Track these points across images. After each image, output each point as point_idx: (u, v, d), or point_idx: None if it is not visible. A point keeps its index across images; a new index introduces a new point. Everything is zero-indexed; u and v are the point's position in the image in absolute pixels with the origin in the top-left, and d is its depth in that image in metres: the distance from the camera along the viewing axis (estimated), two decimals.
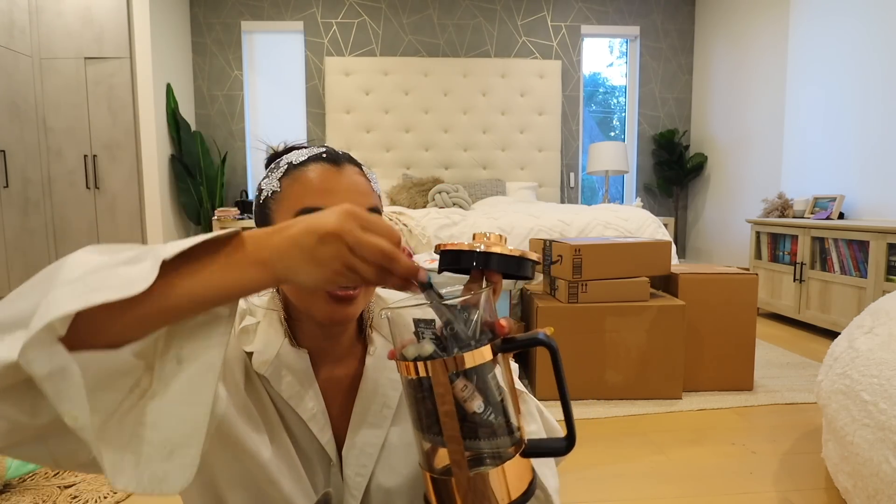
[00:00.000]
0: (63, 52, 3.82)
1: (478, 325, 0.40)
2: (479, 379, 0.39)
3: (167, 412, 0.36)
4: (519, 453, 0.39)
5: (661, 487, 1.36)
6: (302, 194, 0.53)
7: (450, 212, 2.63)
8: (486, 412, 0.39)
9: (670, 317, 1.89)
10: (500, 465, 0.38)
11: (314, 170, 0.54)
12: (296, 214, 0.52)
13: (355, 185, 0.55)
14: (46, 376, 0.31)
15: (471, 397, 0.38)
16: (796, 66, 3.56)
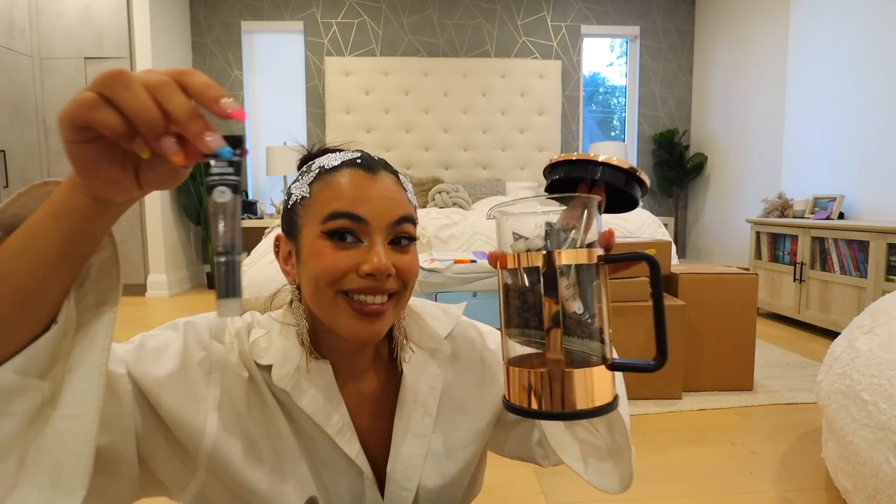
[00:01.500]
0: (63, 52, 3.82)
1: (579, 236, 0.40)
2: (582, 282, 0.39)
3: (57, 430, 0.34)
4: (606, 366, 0.38)
5: (661, 487, 1.36)
6: (331, 199, 0.49)
7: (450, 212, 2.63)
8: (585, 315, 0.39)
9: (670, 317, 1.89)
10: (588, 368, 0.38)
11: (347, 175, 0.51)
12: (324, 220, 0.49)
13: (388, 193, 0.51)
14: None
15: (572, 297, 0.38)
16: (796, 66, 3.56)
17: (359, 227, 0.49)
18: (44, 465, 0.33)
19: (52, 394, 0.35)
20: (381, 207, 0.49)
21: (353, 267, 0.48)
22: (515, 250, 0.39)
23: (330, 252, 0.48)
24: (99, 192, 0.32)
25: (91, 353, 0.35)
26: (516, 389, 0.38)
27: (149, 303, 3.81)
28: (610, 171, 0.44)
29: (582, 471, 0.54)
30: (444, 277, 1.88)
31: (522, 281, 0.39)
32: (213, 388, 0.49)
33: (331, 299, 0.49)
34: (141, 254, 3.99)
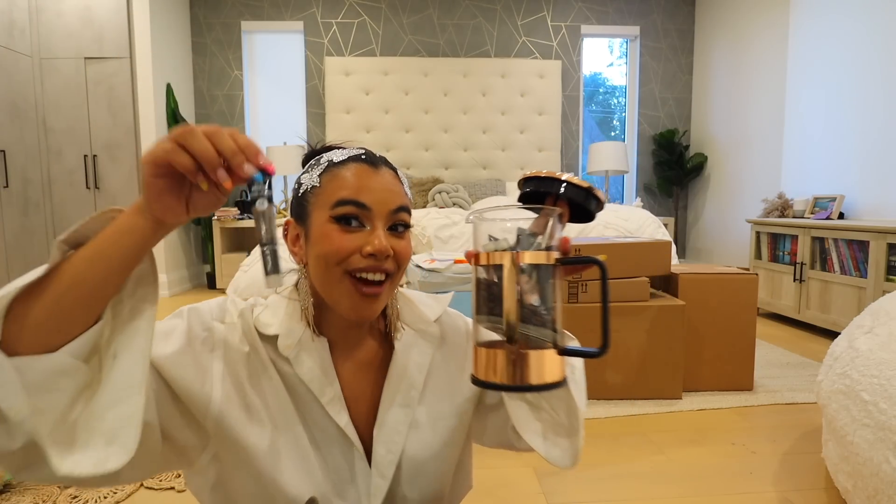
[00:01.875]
0: (63, 52, 3.82)
1: (545, 241, 0.48)
2: (540, 279, 0.47)
3: (109, 403, 0.42)
4: (557, 350, 0.46)
5: (661, 487, 1.36)
6: (339, 188, 0.56)
7: (450, 212, 2.63)
8: (540, 307, 0.46)
9: (670, 317, 1.89)
10: (541, 351, 0.45)
11: (352, 168, 0.57)
12: (332, 206, 0.55)
13: (388, 185, 0.58)
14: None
15: (531, 291, 0.46)
16: (796, 66, 3.56)
17: (362, 213, 0.56)
18: (99, 430, 0.42)
19: (92, 377, 0.43)
20: (381, 197, 0.56)
21: (358, 248, 0.55)
22: (486, 250, 0.47)
23: (337, 235, 0.55)
24: (159, 216, 0.42)
25: (137, 340, 0.44)
26: (482, 367, 0.46)
27: None
28: (571, 189, 0.53)
29: (540, 445, 0.59)
30: (444, 277, 1.88)
31: (491, 275, 0.47)
32: (217, 363, 0.55)
33: (338, 278, 0.55)
34: None
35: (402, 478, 0.62)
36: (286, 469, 0.57)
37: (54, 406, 0.41)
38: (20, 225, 3.66)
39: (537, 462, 1.49)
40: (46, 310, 0.40)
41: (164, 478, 1.38)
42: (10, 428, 0.39)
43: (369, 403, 0.63)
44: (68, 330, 0.41)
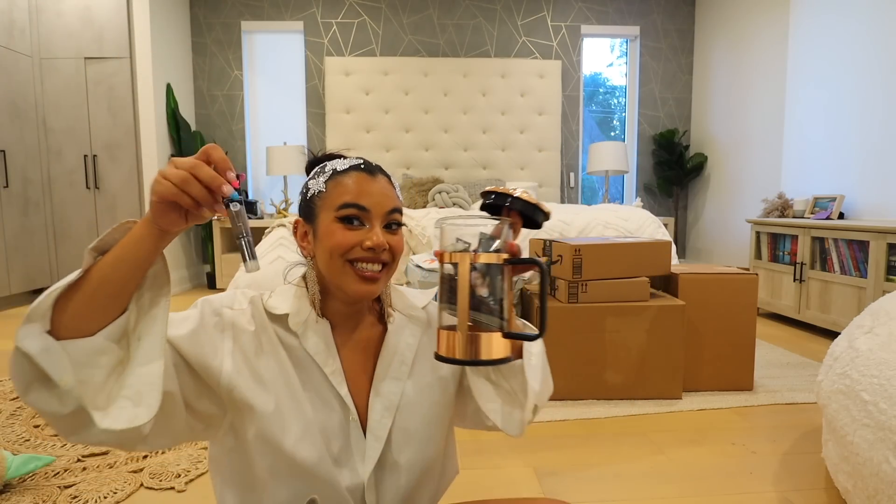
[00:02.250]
0: (63, 52, 3.82)
1: (501, 244, 0.58)
2: (490, 276, 0.57)
3: (136, 374, 0.54)
4: (502, 334, 0.57)
5: (661, 487, 1.36)
6: (343, 193, 0.67)
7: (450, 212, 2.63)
8: (488, 298, 0.57)
9: (670, 317, 1.89)
10: (488, 333, 0.56)
11: (353, 176, 0.68)
12: (337, 208, 0.66)
13: (384, 190, 0.68)
14: (38, 353, 0.49)
15: (481, 285, 0.56)
16: (796, 66, 3.56)
17: (363, 214, 0.66)
18: (128, 395, 0.54)
19: (123, 355, 0.55)
20: (378, 200, 0.67)
21: (359, 242, 0.66)
22: (449, 251, 0.57)
23: (341, 232, 0.66)
24: (164, 227, 0.53)
25: (156, 324, 0.55)
26: (443, 345, 0.56)
27: None
28: (519, 202, 0.63)
29: (497, 416, 0.71)
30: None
31: (452, 271, 0.57)
32: (227, 341, 0.65)
33: (341, 267, 0.66)
34: None
35: (393, 444, 0.71)
36: (290, 433, 0.65)
37: (94, 378, 0.52)
38: (20, 225, 3.66)
39: (537, 462, 1.49)
40: (84, 303, 0.51)
41: (164, 478, 1.38)
42: (61, 395, 0.50)
43: (365, 379, 0.73)
44: (102, 319, 0.53)
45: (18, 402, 1.92)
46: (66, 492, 1.31)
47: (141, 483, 1.37)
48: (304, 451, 0.65)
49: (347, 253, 0.66)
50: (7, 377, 2.19)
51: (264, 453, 0.65)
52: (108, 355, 0.53)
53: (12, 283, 3.57)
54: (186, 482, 1.37)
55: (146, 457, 1.50)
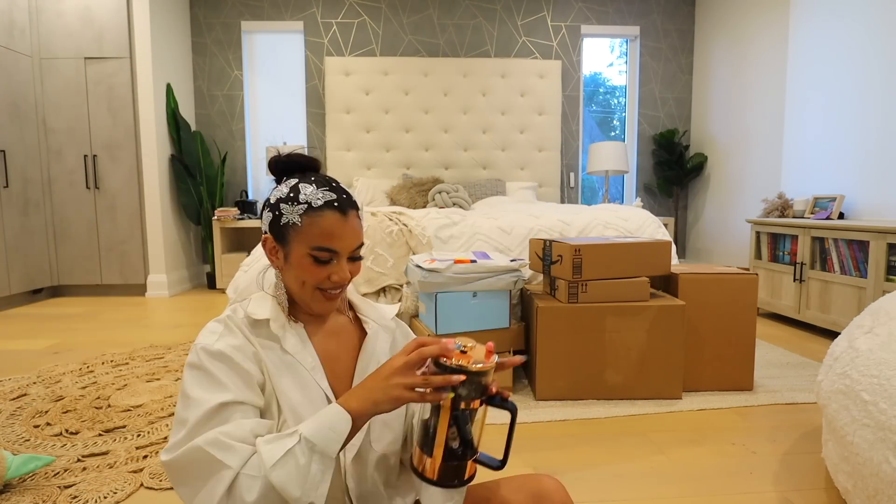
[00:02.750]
0: (63, 52, 3.82)
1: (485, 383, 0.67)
2: (469, 416, 0.68)
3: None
4: (470, 459, 0.67)
5: (661, 487, 1.36)
6: (317, 235, 0.73)
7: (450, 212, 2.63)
8: (467, 431, 0.67)
9: (670, 317, 1.89)
10: (455, 462, 0.66)
11: (328, 217, 0.73)
12: (311, 248, 0.73)
13: (354, 230, 0.76)
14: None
15: (463, 425, 0.67)
16: (796, 66, 3.56)
17: (333, 255, 0.74)
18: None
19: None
20: (348, 242, 0.75)
21: (327, 276, 0.75)
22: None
23: (312, 267, 0.74)
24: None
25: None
26: (427, 468, 0.66)
27: (149, 303, 3.81)
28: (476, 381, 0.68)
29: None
30: (444, 277, 1.88)
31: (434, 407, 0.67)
32: (252, 368, 0.72)
33: (310, 292, 0.76)
34: (141, 254, 3.99)
35: (372, 433, 0.79)
36: (282, 426, 0.73)
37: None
38: (20, 225, 3.66)
39: (537, 462, 1.49)
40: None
41: (164, 478, 1.38)
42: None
43: (345, 375, 0.81)
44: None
45: (18, 402, 1.93)
46: (66, 492, 1.31)
47: (141, 483, 1.37)
48: None
49: (318, 284, 0.75)
50: (7, 377, 2.19)
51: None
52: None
53: (12, 283, 3.57)
54: None
55: (146, 457, 1.51)
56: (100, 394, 1.98)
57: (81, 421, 1.74)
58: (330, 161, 4.48)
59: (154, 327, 3.07)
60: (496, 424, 1.73)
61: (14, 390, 2.03)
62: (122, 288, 4.08)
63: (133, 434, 1.65)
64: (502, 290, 1.97)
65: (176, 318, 3.30)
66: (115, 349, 2.61)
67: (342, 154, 4.49)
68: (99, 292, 4.09)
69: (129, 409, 1.85)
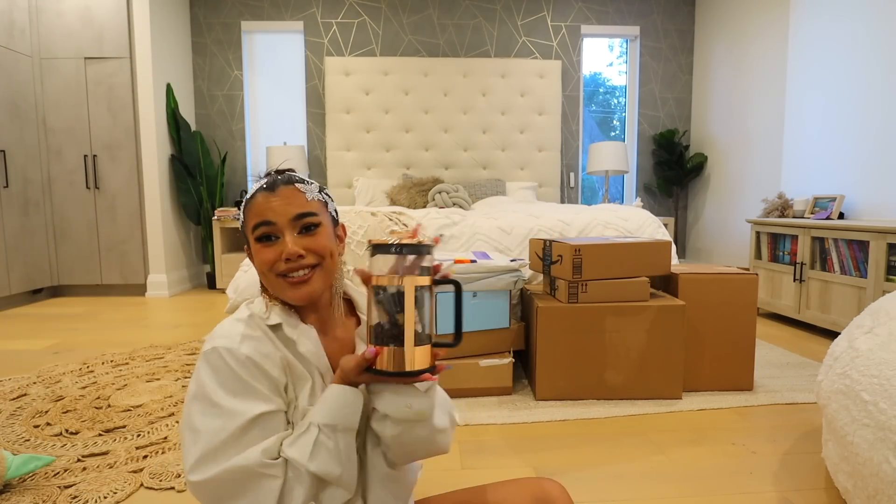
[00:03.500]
0: (63, 52, 3.82)
1: (428, 265, 0.68)
2: (427, 295, 0.67)
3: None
4: (430, 343, 0.68)
5: (661, 487, 1.36)
6: (252, 217, 0.74)
7: (450, 212, 2.63)
8: (426, 313, 0.67)
9: (670, 317, 1.89)
10: (416, 346, 0.66)
11: (257, 198, 0.74)
12: (251, 231, 0.74)
13: (286, 200, 0.73)
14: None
15: (423, 303, 0.67)
16: (796, 66, 3.56)
17: (271, 228, 0.72)
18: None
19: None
20: (280, 210, 0.72)
21: (278, 256, 0.72)
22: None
23: (261, 251, 0.73)
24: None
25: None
26: (386, 360, 0.66)
27: (149, 303, 3.81)
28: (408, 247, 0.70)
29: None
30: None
31: (393, 292, 0.67)
32: (279, 375, 0.72)
33: (274, 280, 0.74)
34: (141, 254, 3.99)
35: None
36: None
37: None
38: (20, 225, 3.66)
39: (537, 462, 1.49)
40: None
41: (164, 478, 1.38)
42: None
43: None
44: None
45: (18, 402, 1.93)
46: (66, 492, 1.31)
47: (141, 483, 1.37)
48: None
49: (273, 268, 0.73)
50: (7, 377, 2.19)
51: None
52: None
53: (12, 283, 3.57)
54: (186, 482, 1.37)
55: (146, 457, 1.51)
56: (100, 394, 1.98)
57: (81, 421, 1.74)
58: (330, 161, 4.48)
59: (154, 327, 3.07)
60: (496, 424, 1.73)
61: (14, 390, 2.03)
62: (122, 288, 4.08)
63: (133, 434, 1.65)
64: (502, 290, 1.97)
65: (176, 318, 3.30)
66: (115, 349, 2.61)
67: (342, 154, 4.49)
68: (99, 292, 4.09)
69: (129, 409, 1.85)
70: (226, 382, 0.67)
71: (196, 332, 2.95)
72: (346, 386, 0.68)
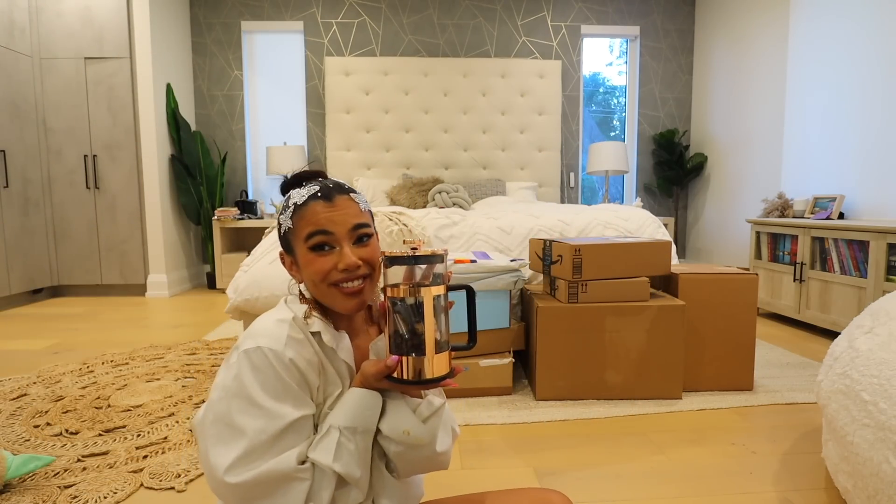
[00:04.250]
0: (63, 52, 3.82)
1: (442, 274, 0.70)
2: (443, 303, 0.69)
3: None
4: (449, 349, 0.69)
5: (661, 487, 1.36)
6: (307, 225, 0.72)
7: (450, 212, 2.63)
8: (443, 322, 0.69)
9: (670, 317, 1.89)
10: (435, 354, 0.67)
11: (312, 206, 0.73)
12: (306, 239, 0.72)
13: (343, 210, 0.73)
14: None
15: (440, 312, 0.68)
16: (796, 65, 3.56)
17: (329, 238, 0.72)
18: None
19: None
20: (340, 221, 0.72)
21: (334, 266, 0.72)
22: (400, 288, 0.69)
23: (315, 260, 0.72)
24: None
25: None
26: (410, 370, 0.68)
27: (149, 303, 3.81)
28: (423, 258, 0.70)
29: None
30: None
31: (411, 303, 0.68)
32: (315, 381, 0.73)
33: (326, 290, 0.73)
34: (141, 254, 3.99)
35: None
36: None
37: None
38: (20, 225, 3.66)
39: (537, 462, 1.49)
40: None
41: (164, 478, 1.38)
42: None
43: None
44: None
45: (18, 402, 1.93)
46: (66, 492, 1.31)
47: (141, 483, 1.37)
48: None
49: (327, 278, 0.72)
50: (7, 377, 2.19)
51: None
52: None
53: (12, 283, 3.57)
54: (186, 482, 1.37)
55: (146, 457, 1.51)
56: (100, 394, 1.98)
57: (81, 421, 1.74)
58: (330, 161, 4.48)
59: (154, 327, 3.07)
60: (496, 424, 1.73)
61: (14, 390, 2.03)
62: (122, 288, 4.08)
63: (133, 434, 1.65)
64: (502, 290, 1.97)
65: (176, 318, 3.29)
66: (115, 349, 2.61)
67: (342, 154, 4.49)
68: (99, 292, 4.09)
69: (129, 409, 1.85)
70: (267, 383, 0.67)
71: (196, 332, 2.95)
72: (366, 389, 0.70)
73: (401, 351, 0.67)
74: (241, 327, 2.93)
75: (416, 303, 0.66)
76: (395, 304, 0.67)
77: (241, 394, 0.65)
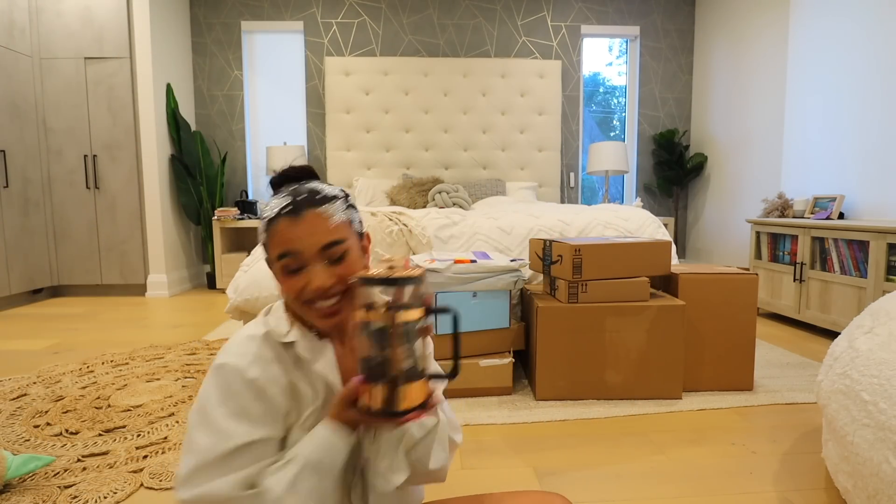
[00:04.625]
0: (63, 52, 3.82)
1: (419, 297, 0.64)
2: (414, 329, 0.63)
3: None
4: (423, 378, 0.64)
5: (661, 487, 1.36)
6: (276, 245, 0.69)
7: (450, 212, 2.63)
8: (414, 347, 0.63)
9: (670, 317, 1.89)
10: (405, 384, 0.62)
11: (281, 223, 0.69)
12: (276, 261, 0.70)
13: (311, 229, 0.69)
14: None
15: (414, 337, 0.63)
16: (796, 66, 3.56)
17: (296, 259, 0.68)
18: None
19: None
20: (307, 241, 0.68)
21: (304, 286, 0.69)
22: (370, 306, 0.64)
23: (286, 280, 0.70)
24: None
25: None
26: (379, 399, 0.63)
27: (149, 303, 3.81)
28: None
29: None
30: (444, 277, 1.88)
31: (381, 326, 0.63)
32: (283, 402, 0.70)
33: (301, 307, 0.70)
34: (141, 254, 3.99)
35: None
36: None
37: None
38: (20, 225, 3.66)
39: (537, 462, 1.49)
40: None
41: (164, 478, 1.38)
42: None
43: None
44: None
45: (18, 402, 1.93)
46: (66, 492, 1.31)
47: (141, 483, 1.37)
48: None
49: (300, 296, 0.69)
50: (7, 377, 2.19)
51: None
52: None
53: (12, 283, 3.57)
54: None
55: (146, 457, 1.51)
56: (100, 394, 1.98)
57: (81, 421, 1.74)
58: (330, 161, 4.48)
59: (154, 327, 3.07)
60: (496, 424, 1.73)
61: (14, 390, 2.03)
62: (122, 288, 4.08)
63: (133, 434, 1.65)
64: (502, 290, 1.97)
65: (176, 318, 3.29)
66: (115, 349, 2.61)
67: (342, 154, 4.49)
68: (99, 292, 4.09)
69: (129, 409, 1.85)
70: (228, 401, 0.65)
71: (196, 332, 2.95)
72: (336, 429, 0.66)
73: (370, 378, 0.63)
74: (241, 327, 2.93)
75: (384, 327, 0.61)
76: (363, 328, 0.63)
77: (201, 409, 0.65)
